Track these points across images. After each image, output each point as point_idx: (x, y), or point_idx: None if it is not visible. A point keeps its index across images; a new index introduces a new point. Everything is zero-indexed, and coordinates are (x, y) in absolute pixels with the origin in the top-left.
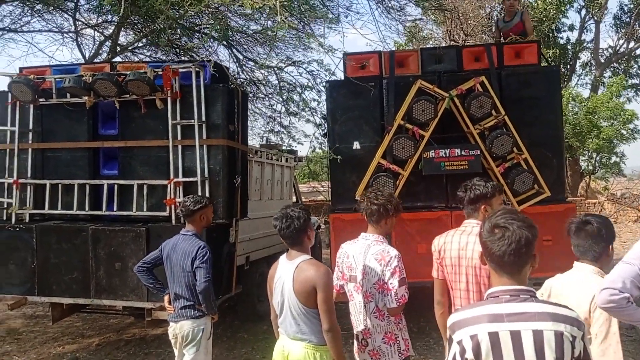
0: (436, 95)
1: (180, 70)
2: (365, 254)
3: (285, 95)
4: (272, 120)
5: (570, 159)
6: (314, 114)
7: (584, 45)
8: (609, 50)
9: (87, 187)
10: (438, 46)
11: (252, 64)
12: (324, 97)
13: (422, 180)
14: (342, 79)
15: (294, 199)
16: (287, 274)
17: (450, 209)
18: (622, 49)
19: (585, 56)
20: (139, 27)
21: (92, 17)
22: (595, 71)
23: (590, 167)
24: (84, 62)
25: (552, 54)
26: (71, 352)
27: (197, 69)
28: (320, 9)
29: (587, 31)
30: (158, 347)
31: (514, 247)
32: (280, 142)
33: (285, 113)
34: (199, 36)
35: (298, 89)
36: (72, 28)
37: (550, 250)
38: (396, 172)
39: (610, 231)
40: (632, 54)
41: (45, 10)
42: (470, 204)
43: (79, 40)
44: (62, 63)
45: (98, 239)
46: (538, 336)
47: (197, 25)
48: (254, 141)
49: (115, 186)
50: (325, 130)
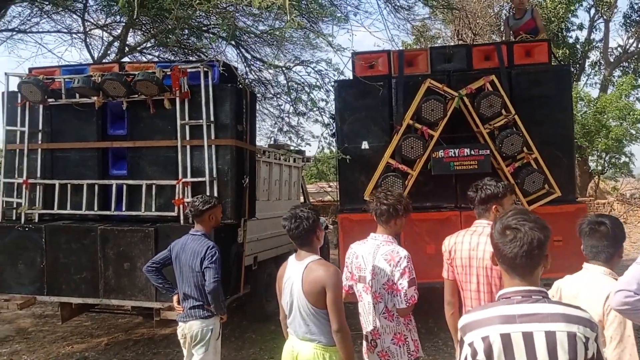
0: (445, 95)
1: (189, 70)
2: (375, 254)
3: (293, 95)
4: (280, 120)
5: (579, 159)
6: (322, 113)
7: (593, 44)
8: (619, 49)
9: (96, 187)
10: (447, 45)
11: (260, 64)
12: (332, 96)
13: (431, 180)
14: (351, 78)
15: (302, 199)
16: (296, 274)
17: (459, 209)
18: (632, 48)
19: (594, 55)
20: (147, 28)
21: (101, 17)
22: (604, 70)
23: (599, 167)
24: (92, 62)
25: (562, 53)
26: (80, 352)
27: (205, 69)
28: (328, 8)
29: (596, 30)
30: (166, 347)
31: (526, 249)
32: (288, 142)
33: (293, 113)
34: (207, 36)
35: (306, 89)
36: (81, 28)
37: (561, 251)
38: (405, 172)
39: (622, 232)
40: None
41: (54, 11)
42: (481, 204)
43: (87, 40)
44: (71, 63)
45: (107, 239)
46: (551, 337)
47: (205, 25)
48: (262, 142)
49: (124, 186)
50: (334, 130)
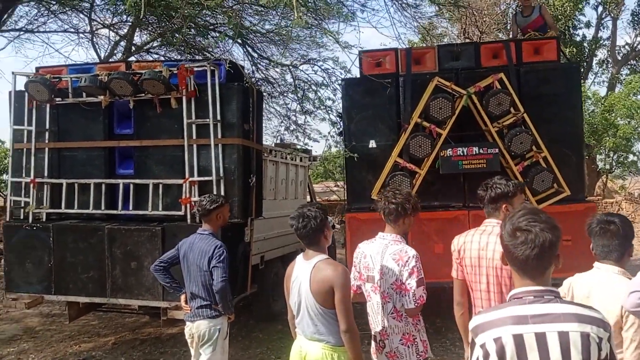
0: (454, 93)
1: (196, 69)
2: (383, 253)
3: (300, 94)
4: (287, 119)
5: (587, 157)
6: (329, 112)
7: (601, 42)
8: (627, 47)
9: (103, 186)
10: (455, 43)
11: (267, 63)
12: (339, 95)
13: (439, 179)
14: (358, 76)
15: (308, 198)
16: (304, 273)
17: (467, 209)
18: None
19: (601, 54)
20: (154, 27)
21: (107, 17)
22: (612, 69)
23: (607, 166)
24: (99, 62)
25: (569, 51)
26: (87, 351)
27: (212, 68)
28: (335, 5)
29: (603, 28)
30: (174, 347)
31: (537, 251)
32: (295, 140)
33: (300, 111)
34: (213, 35)
35: (313, 87)
36: (88, 28)
37: (570, 251)
38: (413, 171)
39: (632, 230)
40: None
41: (61, 10)
42: (491, 203)
43: (94, 40)
44: (77, 63)
45: (114, 238)
46: (564, 338)
47: (212, 24)
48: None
49: (131, 185)
50: (341, 129)
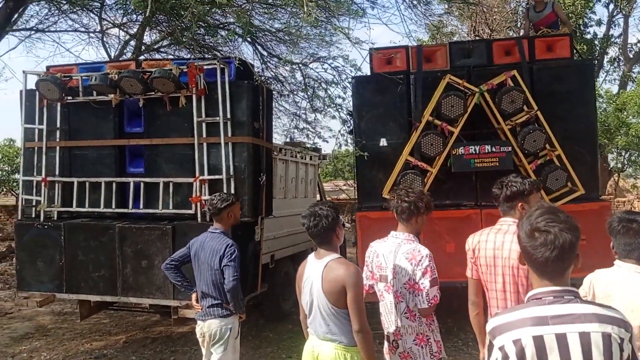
0: (466, 90)
1: (205, 67)
2: (396, 253)
3: (310, 92)
4: (297, 117)
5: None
6: (340, 110)
7: (612, 40)
8: (638, 45)
9: (114, 184)
10: (467, 40)
11: (277, 61)
12: (349, 93)
13: (451, 178)
14: (368, 74)
15: (318, 197)
16: (316, 273)
17: (479, 207)
18: None
19: (613, 51)
20: (163, 26)
21: (117, 16)
22: (623, 67)
23: (619, 165)
24: (109, 60)
25: (579, 49)
26: (99, 349)
27: (222, 66)
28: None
29: (615, 26)
30: (184, 345)
31: (557, 253)
32: (305, 139)
33: (310, 109)
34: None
35: (323, 85)
36: (98, 27)
37: (584, 250)
38: (424, 170)
39: None
40: None
41: (72, 10)
42: (506, 202)
43: (104, 39)
44: (88, 62)
45: (125, 236)
46: (585, 338)
47: (222, 23)
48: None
49: (141, 184)
50: (351, 127)
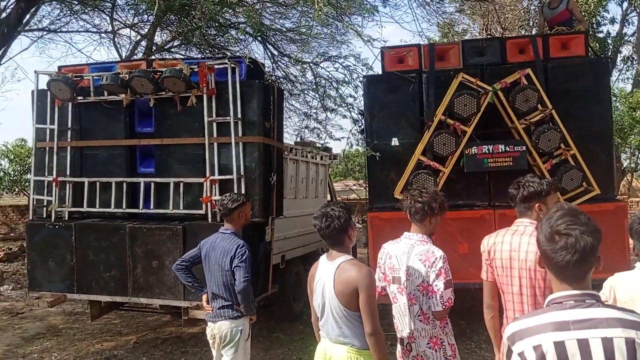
0: (479, 89)
1: (216, 67)
2: (409, 254)
3: (321, 91)
4: (308, 117)
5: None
6: (351, 109)
7: (626, 39)
8: None
9: (124, 185)
10: (480, 38)
11: (287, 60)
12: (360, 92)
13: (464, 178)
14: (380, 73)
15: (329, 197)
16: (328, 274)
17: (493, 208)
18: None
19: (626, 50)
20: (174, 26)
21: (129, 17)
22: (637, 65)
23: (633, 165)
24: (120, 60)
25: (593, 47)
26: (109, 350)
27: (232, 65)
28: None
29: (628, 24)
30: (195, 346)
31: (578, 256)
32: (316, 138)
33: (321, 109)
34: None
35: (334, 84)
36: (109, 28)
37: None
38: (437, 169)
39: None
40: None
41: (83, 10)
42: (523, 202)
43: (115, 40)
44: (99, 62)
45: (135, 237)
46: (608, 344)
47: (232, 22)
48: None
49: (152, 184)
50: (363, 127)
